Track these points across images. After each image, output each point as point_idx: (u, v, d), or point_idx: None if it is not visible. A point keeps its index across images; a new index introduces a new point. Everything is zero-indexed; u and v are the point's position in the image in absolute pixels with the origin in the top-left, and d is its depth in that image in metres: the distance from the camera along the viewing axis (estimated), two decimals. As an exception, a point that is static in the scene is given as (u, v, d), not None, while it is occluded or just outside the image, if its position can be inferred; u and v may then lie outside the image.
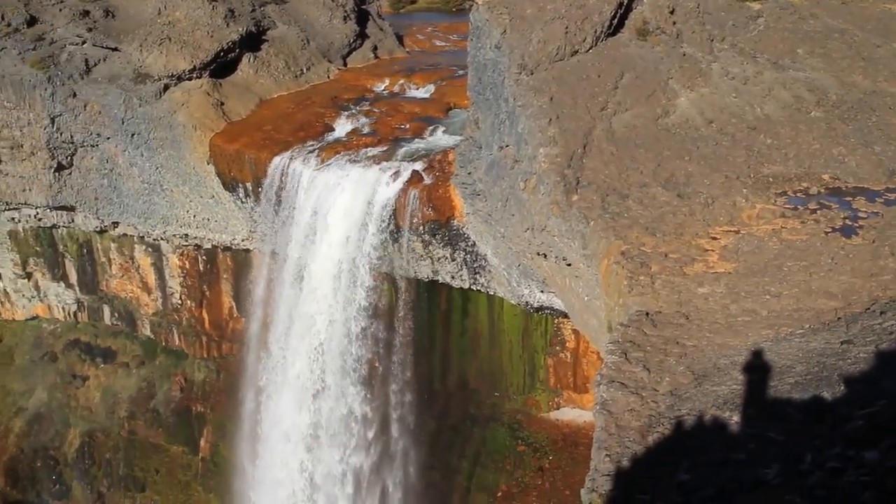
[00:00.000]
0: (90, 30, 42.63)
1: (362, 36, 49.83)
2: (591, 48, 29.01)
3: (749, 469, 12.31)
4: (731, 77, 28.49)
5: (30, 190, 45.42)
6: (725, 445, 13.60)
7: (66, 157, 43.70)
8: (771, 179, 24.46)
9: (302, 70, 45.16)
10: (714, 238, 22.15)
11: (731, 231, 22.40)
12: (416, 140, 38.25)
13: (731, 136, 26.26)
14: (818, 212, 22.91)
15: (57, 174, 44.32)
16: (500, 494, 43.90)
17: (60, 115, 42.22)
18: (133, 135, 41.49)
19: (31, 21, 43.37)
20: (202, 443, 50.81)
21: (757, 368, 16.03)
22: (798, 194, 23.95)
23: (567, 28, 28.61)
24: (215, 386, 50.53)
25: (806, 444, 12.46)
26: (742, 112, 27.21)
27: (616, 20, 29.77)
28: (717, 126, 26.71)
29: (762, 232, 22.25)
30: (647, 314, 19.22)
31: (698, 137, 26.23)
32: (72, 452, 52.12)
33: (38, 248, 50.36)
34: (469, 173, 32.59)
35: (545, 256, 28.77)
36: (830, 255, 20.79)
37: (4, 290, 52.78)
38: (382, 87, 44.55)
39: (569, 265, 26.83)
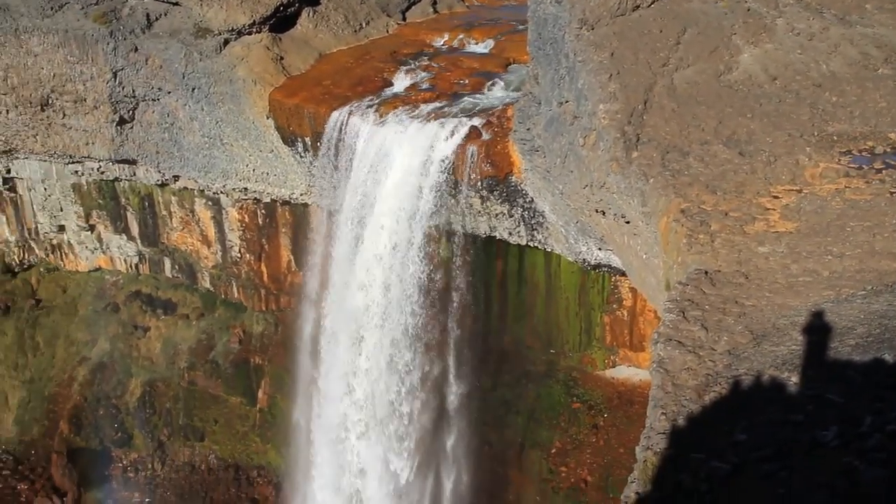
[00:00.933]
0: (151, -16, 42.93)
1: (422, -10, 49.57)
2: (652, 3, 28.58)
3: (807, 430, 12.23)
4: (796, 33, 27.93)
5: (93, 143, 45.99)
6: (783, 406, 13.52)
7: (128, 111, 44.14)
8: (835, 138, 24.02)
9: (361, 24, 45.06)
10: (776, 197, 21.85)
11: (793, 190, 22.09)
12: (475, 95, 38.07)
13: (795, 94, 25.80)
14: (883, 171, 22.48)
15: (119, 128, 44.81)
16: (554, 451, 44.09)
17: (122, 69, 42.60)
18: (193, 89, 41.76)
19: (94, -25, 43.73)
20: (260, 394, 51.51)
21: (817, 329, 15.87)
22: (863, 153, 23.50)
23: (629, -18, 28.23)
24: (273, 339, 51.12)
25: (866, 406, 12.34)
26: (807, 69, 26.69)
27: (679, -26, 29.28)
28: (780, 83, 26.25)
29: (825, 191, 21.91)
30: (706, 273, 19.08)
31: (761, 94, 25.81)
32: (133, 401, 53.12)
33: (100, 201, 51.06)
34: (528, 129, 32.42)
35: (603, 213, 28.60)
36: (895, 215, 20.44)
37: (68, 241, 53.66)
38: (441, 42, 44.32)
39: (627, 223, 26.67)
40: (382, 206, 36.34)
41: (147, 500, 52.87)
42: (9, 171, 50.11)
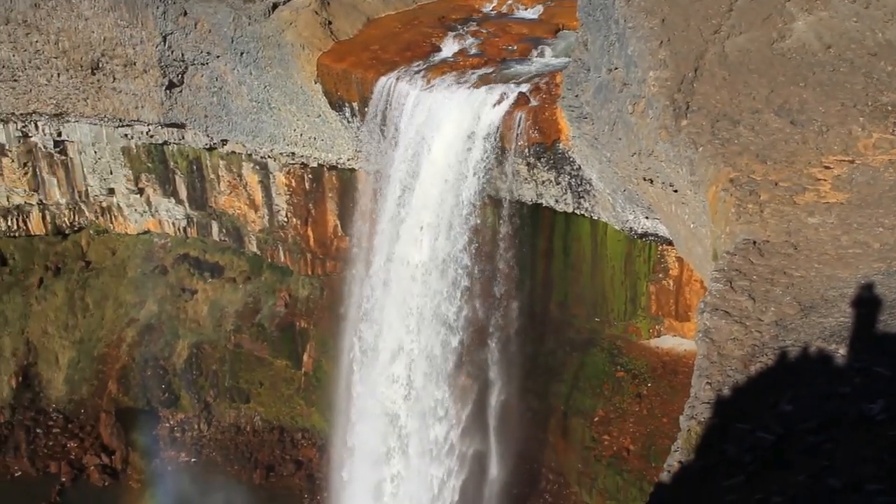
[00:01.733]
0: (201, -53, 42.99)
1: (471, -45, 49.19)
2: (705, -31, 28.20)
3: (853, 403, 12.13)
4: (851, 0, 27.44)
5: (142, 107, 46.34)
6: (830, 378, 13.41)
7: (177, 75, 44.40)
8: (890, 108, 23.62)
9: (410, -11, 44.93)
10: (827, 167, 21.56)
11: (845, 160, 21.78)
12: (524, 61, 37.87)
13: (849, 62, 25.38)
14: (938, 142, 22.11)
15: (168, 92, 45.10)
16: (596, 419, 44.07)
17: (172, 33, 42.80)
18: (242, 53, 41.89)
19: (145, -62, 43.88)
20: (305, 358, 51.90)
21: (866, 302, 15.70)
22: (918, 124, 23.11)
23: (681, -52, 27.83)
24: (319, 303, 51.43)
25: (915, 379, 12.23)
26: (862, 37, 26.23)
27: (733, -60, 28.82)
28: (835, 51, 25.83)
29: (878, 162, 21.58)
30: (755, 243, 18.91)
31: (815, 63, 25.42)
32: (180, 363, 53.74)
33: (149, 165, 51.50)
34: (576, 96, 32.21)
35: (651, 182, 28.40)
36: (949, 187, 20.11)
37: (118, 204, 54.22)
38: (490, 7, 44.06)
39: (675, 191, 26.47)
40: (429, 171, 36.32)
41: (193, 459, 53.63)
42: (60, 135, 50.68)
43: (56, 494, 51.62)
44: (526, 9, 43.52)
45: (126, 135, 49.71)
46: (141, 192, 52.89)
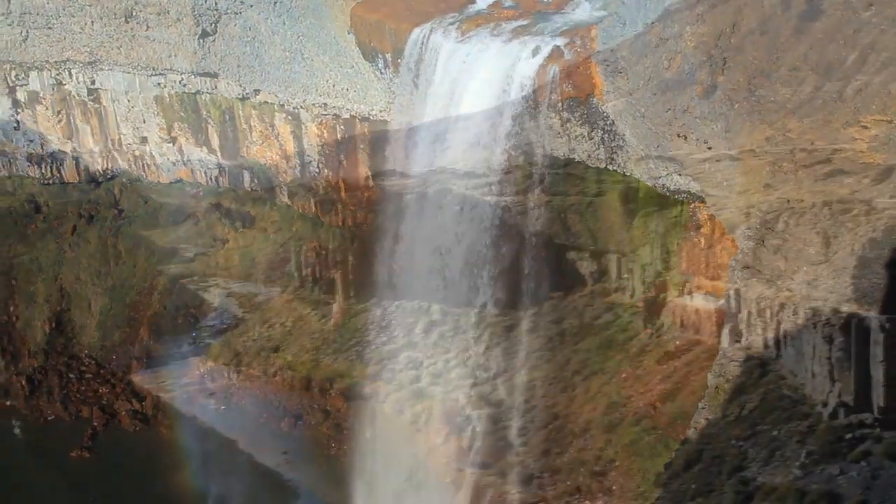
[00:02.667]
0: None
1: None
2: (745, -78, 27.76)
3: (888, 364, 12.10)
4: (894, -44, 26.96)
5: (175, 56, 46.40)
6: (861, 337, 13.35)
7: (211, 24, 44.37)
8: (930, 67, 23.27)
9: (445, -60, 44.54)
10: (864, 127, 21.30)
11: (883, 120, 21.49)
12: (559, 14, 37.55)
13: (891, 20, 24.94)
14: (979, 102, 21.74)
15: (201, 41, 45.10)
16: (624, 376, 44.02)
17: (205, -20, 42.86)
18: (276, 3, 41.82)
19: None
20: (334, 308, 52.07)
21: (901, 263, 15.59)
22: (959, 83, 22.72)
23: None
24: (349, 253, 51.47)
25: (948, 341, 12.17)
26: (905, -6, 25.81)
27: None
28: (876, 8, 25.38)
29: (917, 122, 21.30)
30: (788, 202, 18.78)
31: (855, 20, 25.02)
32: (211, 311, 54.07)
33: (182, 114, 51.56)
34: (612, 50, 31.94)
35: (685, 138, 28.18)
36: None
37: (151, 153, 54.43)
38: (526, -40, 43.65)
39: (709, 148, 26.27)
40: (462, 123, 36.20)
41: (223, 407, 54.07)
42: (93, 83, 50.85)
43: (88, 438, 52.36)
44: (562, -39, 43.04)
45: (159, 83, 49.82)
46: (173, 140, 53.05)
